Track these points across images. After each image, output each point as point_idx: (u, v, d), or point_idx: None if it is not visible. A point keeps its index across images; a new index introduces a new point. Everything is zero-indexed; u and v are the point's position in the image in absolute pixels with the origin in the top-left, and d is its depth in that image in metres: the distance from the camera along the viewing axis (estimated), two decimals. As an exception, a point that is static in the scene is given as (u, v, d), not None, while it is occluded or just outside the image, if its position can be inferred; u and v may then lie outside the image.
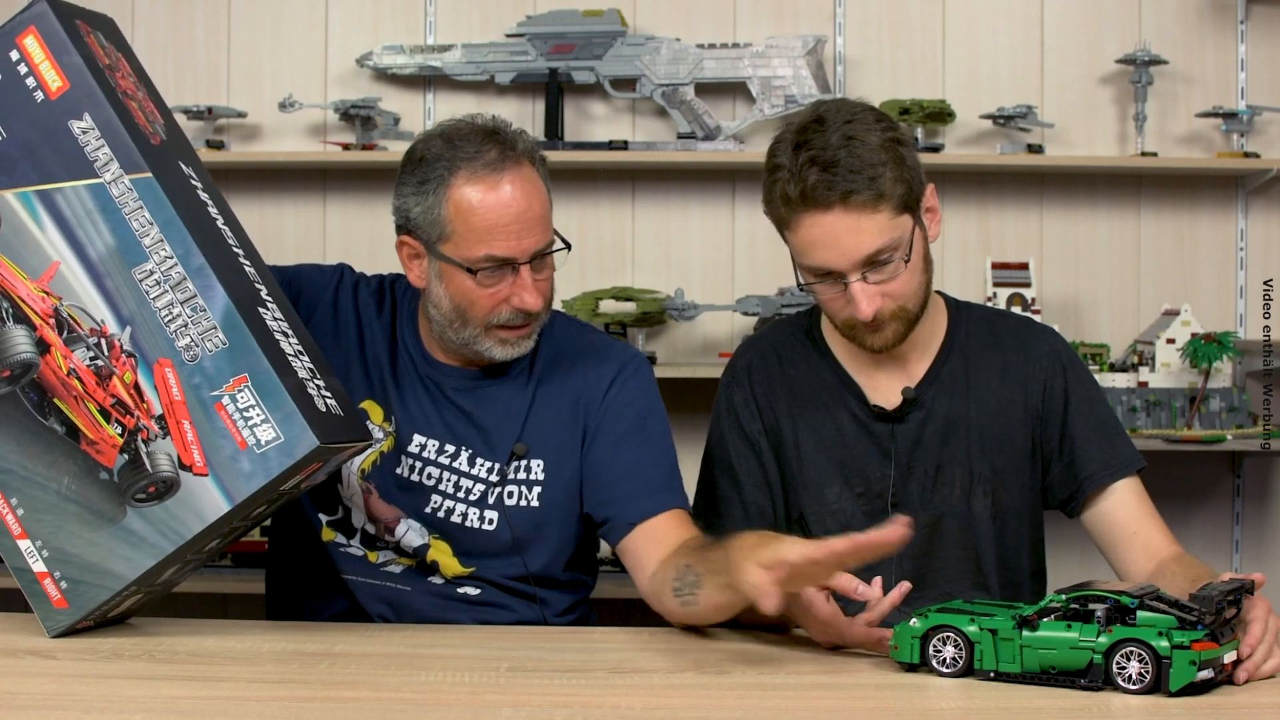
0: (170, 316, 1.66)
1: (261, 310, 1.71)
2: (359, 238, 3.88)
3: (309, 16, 3.90)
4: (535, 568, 2.03)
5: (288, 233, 3.91)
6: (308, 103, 3.79)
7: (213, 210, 1.76)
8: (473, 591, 2.04)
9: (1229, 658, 1.55)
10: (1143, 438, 3.55)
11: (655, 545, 1.96)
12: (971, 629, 1.59)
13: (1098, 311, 3.88)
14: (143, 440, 1.66)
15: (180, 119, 3.77)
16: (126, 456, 1.66)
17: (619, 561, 2.06)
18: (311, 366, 1.75)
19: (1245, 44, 3.85)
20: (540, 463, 2.04)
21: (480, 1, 3.88)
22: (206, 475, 1.65)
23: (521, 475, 2.03)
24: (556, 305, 2.21)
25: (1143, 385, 3.63)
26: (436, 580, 2.04)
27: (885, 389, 2.07)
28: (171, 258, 1.66)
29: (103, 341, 1.67)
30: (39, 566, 1.70)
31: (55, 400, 1.68)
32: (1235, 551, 3.86)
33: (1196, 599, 1.58)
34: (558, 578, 2.07)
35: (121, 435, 1.67)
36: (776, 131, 2.12)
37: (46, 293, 1.68)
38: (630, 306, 3.72)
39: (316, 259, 3.86)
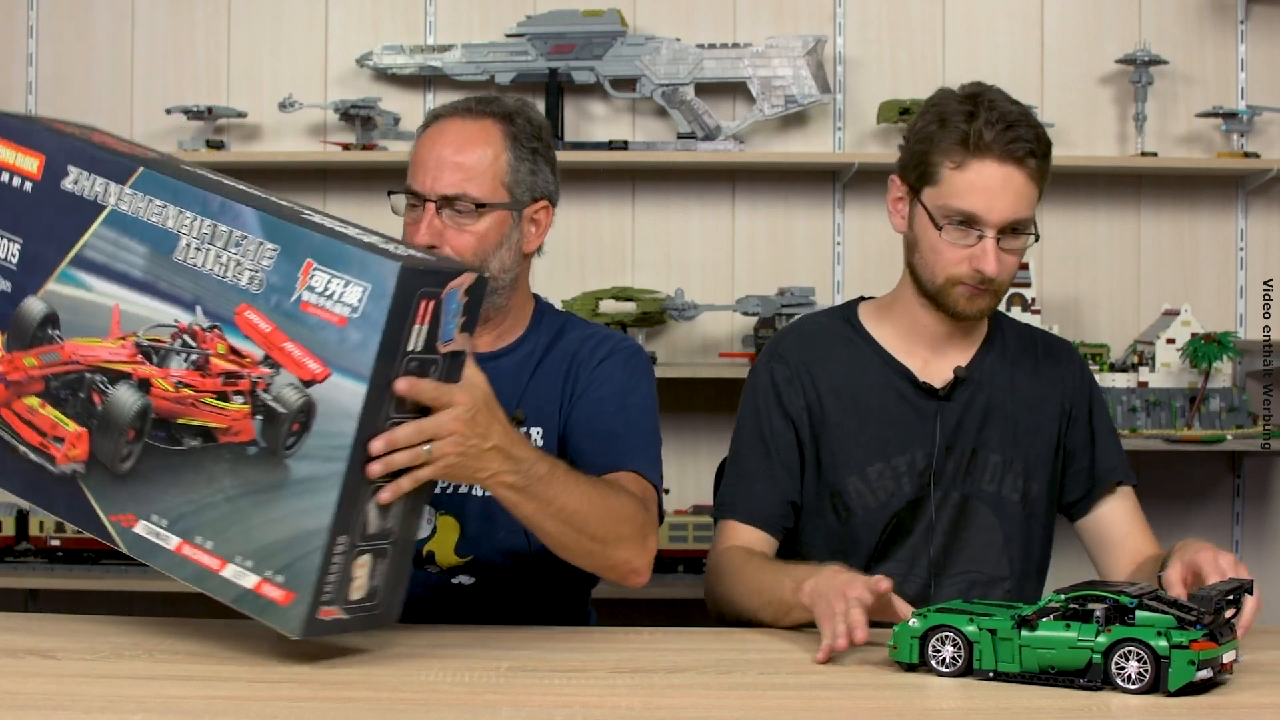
0: (221, 266, 1.62)
1: (300, 211, 1.67)
2: (359, 238, 3.88)
3: (309, 16, 3.90)
4: (537, 544, 2.05)
5: (288, 233, 3.91)
6: (308, 103, 3.79)
7: (214, 176, 1.76)
8: (467, 581, 2.06)
9: (1228, 657, 1.55)
10: (1143, 438, 3.56)
11: None
12: (970, 629, 1.59)
13: (1098, 311, 3.88)
14: (263, 390, 1.60)
15: (180, 119, 3.78)
16: (260, 416, 1.60)
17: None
18: (379, 237, 1.70)
19: (1245, 44, 3.85)
20: (539, 430, 2.07)
21: (480, 1, 3.89)
22: (330, 373, 1.57)
23: None
24: (556, 305, 2.22)
25: (1143, 385, 3.63)
26: (431, 569, 2.06)
27: (932, 371, 2.15)
28: (195, 218, 1.63)
29: (185, 337, 1.64)
30: (251, 579, 1.60)
31: (180, 421, 1.64)
32: (1235, 551, 3.85)
33: (1195, 598, 1.58)
34: (555, 558, 2.09)
35: (245, 402, 1.61)
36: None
37: (122, 339, 1.66)
38: (630, 306, 3.72)
39: (317, 259, 3.87)
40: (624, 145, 3.75)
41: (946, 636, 1.60)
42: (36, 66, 3.90)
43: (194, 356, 1.63)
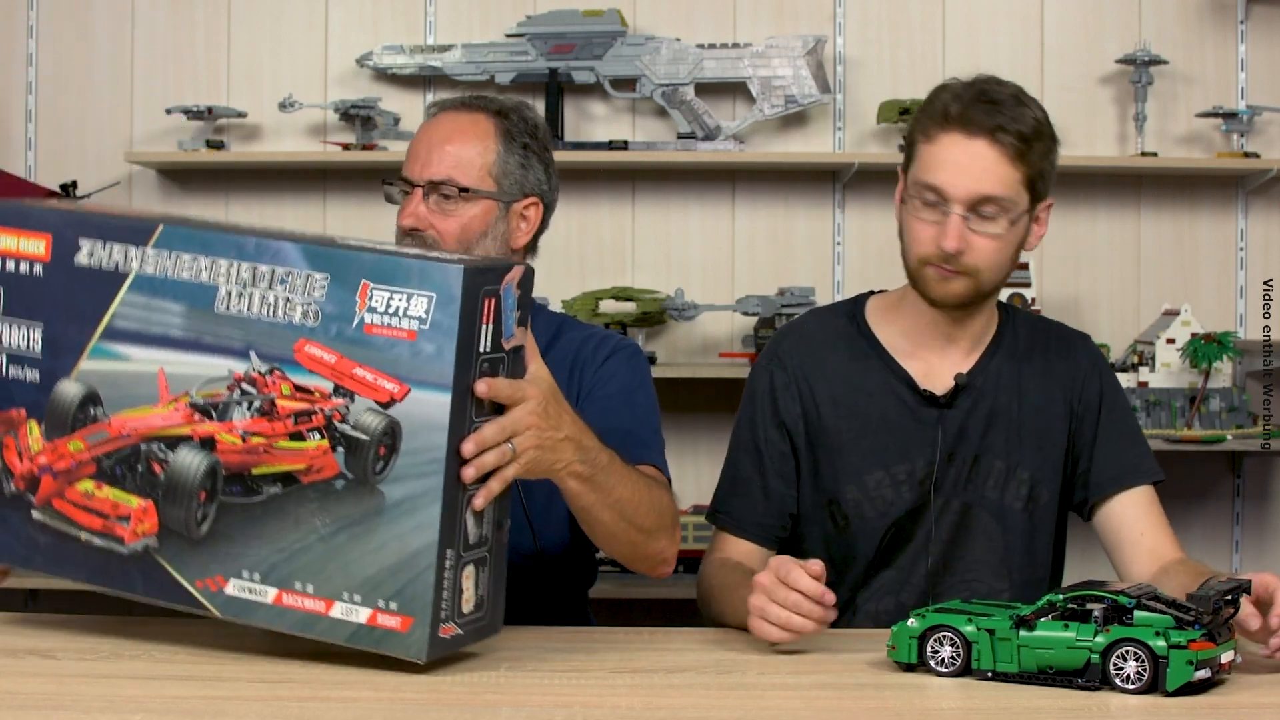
0: (269, 307, 1.59)
1: (334, 239, 1.65)
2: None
3: (309, 16, 3.90)
4: (541, 543, 2.05)
5: (288, 233, 3.92)
6: (308, 103, 3.79)
7: (230, 222, 1.74)
8: None
9: (1226, 657, 1.56)
10: (1142, 437, 3.55)
11: None
12: (969, 629, 1.59)
13: (1098, 311, 3.88)
14: (339, 422, 1.57)
15: (180, 119, 3.79)
16: (342, 448, 1.57)
17: (618, 562, 2.07)
18: (418, 249, 1.69)
19: (1245, 44, 3.85)
20: None
21: (480, 1, 3.89)
22: (409, 390, 1.55)
23: None
24: (555, 306, 2.23)
25: (1143, 385, 3.63)
26: None
27: (935, 376, 2.09)
28: (231, 264, 1.60)
29: (244, 385, 1.61)
30: (363, 613, 1.57)
31: (256, 471, 1.60)
32: (1235, 551, 3.86)
33: (1194, 598, 1.58)
34: (557, 553, 2.09)
35: (322, 438, 1.58)
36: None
37: (174, 401, 1.63)
38: (630, 306, 3.72)
39: (317, 259, 3.87)
40: (624, 145, 3.75)
41: (945, 637, 1.61)
42: (36, 66, 3.91)
43: (257, 403, 1.60)
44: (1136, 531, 2.06)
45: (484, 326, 1.58)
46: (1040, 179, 2.01)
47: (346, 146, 3.75)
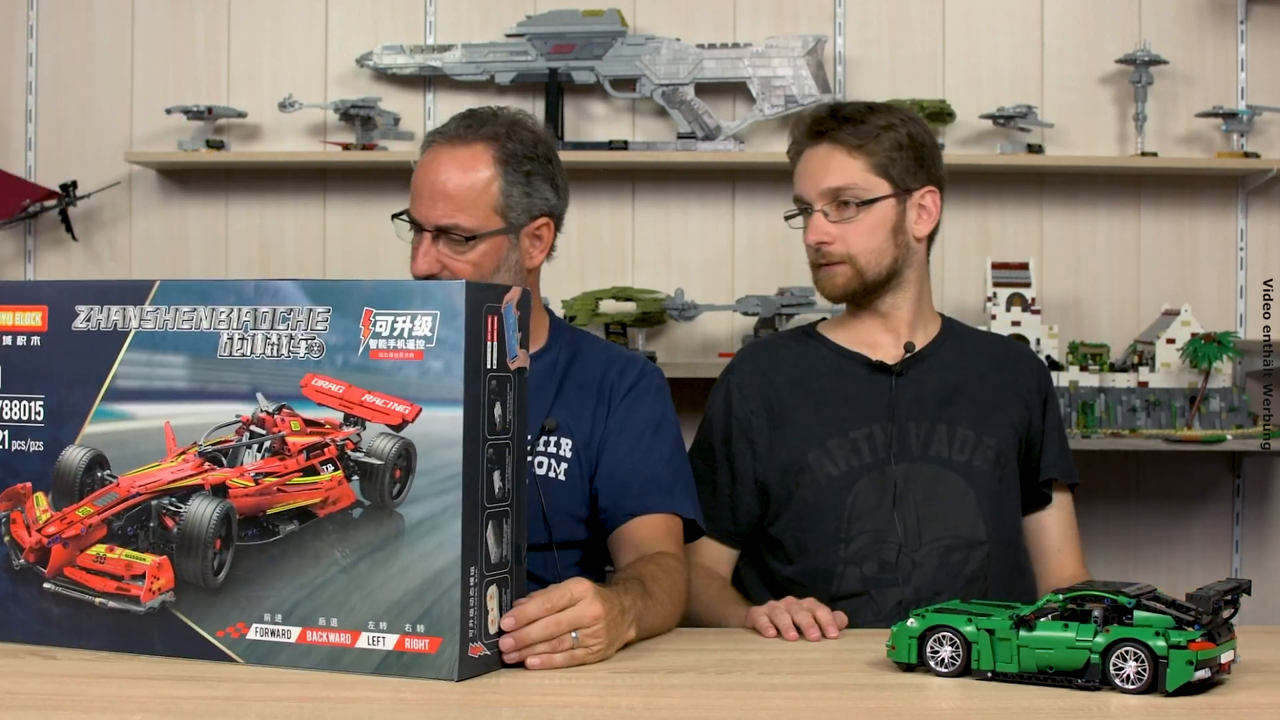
0: (272, 346, 1.61)
1: (335, 279, 1.66)
2: (359, 238, 3.89)
3: (309, 16, 3.90)
4: (558, 534, 2.07)
5: (288, 233, 3.92)
6: (308, 103, 3.79)
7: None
8: None
9: (1226, 657, 1.56)
10: (1143, 438, 3.56)
11: (641, 540, 2.03)
12: (969, 629, 1.59)
13: (1098, 311, 3.88)
14: (352, 450, 1.58)
15: (180, 119, 3.79)
16: (357, 476, 1.58)
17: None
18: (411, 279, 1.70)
19: (1245, 44, 3.85)
20: (569, 442, 2.09)
21: (480, 1, 3.89)
22: (420, 409, 1.55)
23: (551, 450, 2.08)
24: (555, 307, 2.23)
25: (1143, 385, 3.63)
26: None
27: (884, 353, 2.23)
28: (231, 310, 1.62)
29: (253, 428, 1.61)
30: (390, 640, 1.57)
31: (271, 511, 1.61)
32: (1235, 551, 3.86)
33: (1194, 598, 1.58)
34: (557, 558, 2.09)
35: (336, 469, 1.59)
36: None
37: (182, 453, 1.63)
38: (630, 306, 3.72)
39: (316, 259, 3.88)
40: (624, 145, 3.76)
41: (945, 637, 1.61)
42: (36, 66, 3.91)
43: (268, 443, 1.61)
44: (1054, 546, 2.27)
45: (489, 344, 1.58)
46: (892, 165, 2.17)
47: (346, 146, 3.75)
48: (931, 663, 1.61)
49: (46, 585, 1.69)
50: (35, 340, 1.70)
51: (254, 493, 1.61)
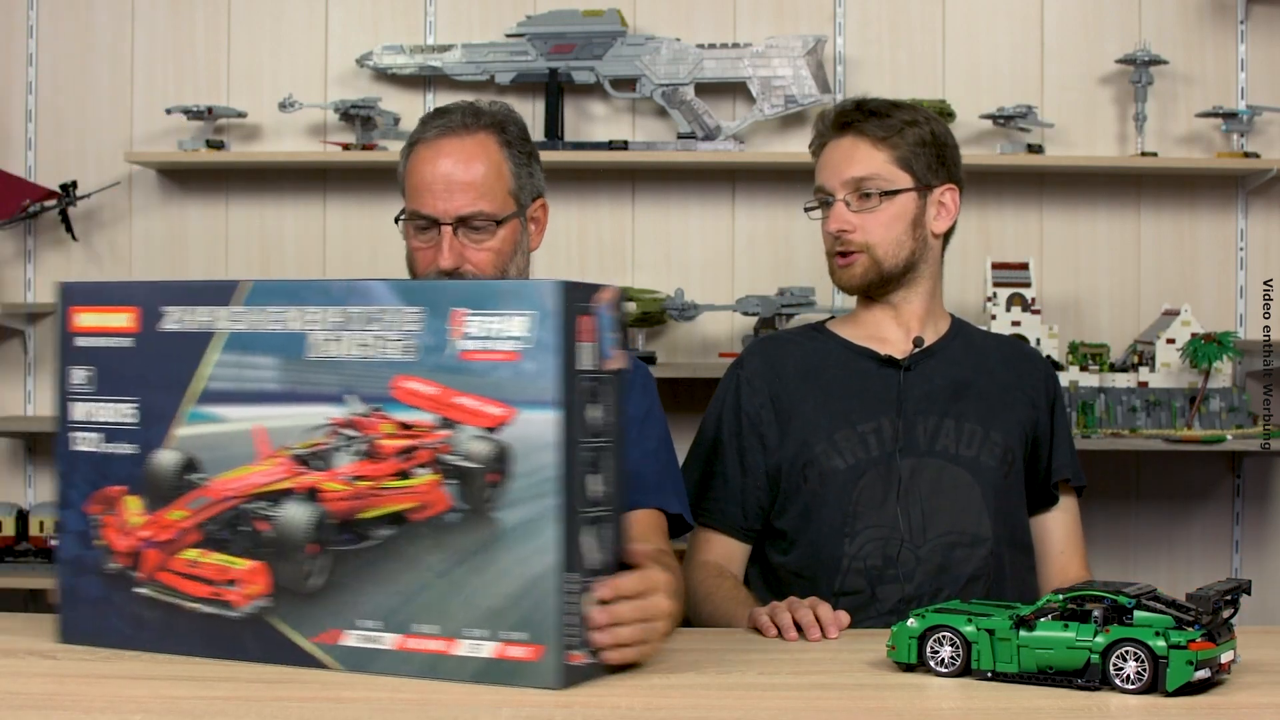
0: (363, 347, 1.58)
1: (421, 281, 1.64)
2: (359, 238, 3.89)
3: (309, 16, 3.90)
4: None
5: (288, 233, 3.92)
6: (308, 103, 3.79)
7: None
8: None
9: (1226, 657, 1.56)
10: (1143, 438, 3.56)
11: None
12: (969, 629, 1.59)
13: (1098, 311, 3.88)
14: (446, 454, 1.54)
15: (180, 119, 3.79)
16: (452, 480, 1.55)
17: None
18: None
19: (1245, 44, 3.85)
20: None
21: (480, 1, 3.89)
22: (516, 411, 1.51)
23: None
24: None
25: (1143, 385, 3.63)
26: None
27: (893, 348, 2.24)
28: (321, 310, 1.59)
29: (344, 430, 1.59)
30: (489, 647, 1.53)
31: (364, 516, 1.58)
32: (1235, 551, 3.86)
33: (1193, 598, 1.58)
34: None
35: (431, 472, 1.56)
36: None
37: (274, 456, 1.61)
38: (630, 306, 3.72)
39: (317, 259, 3.88)
40: (624, 145, 3.76)
41: (945, 637, 1.61)
42: (36, 66, 3.91)
43: (360, 446, 1.58)
44: (1058, 548, 2.27)
45: (583, 344, 1.55)
46: (915, 160, 2.20)
47: (346, 146, 3.75)
48: (931, 663, 1.61)
49: (138, 590, 1.66)
50: (127, 342, 1.67)
51: (347, 496, 1.58)
